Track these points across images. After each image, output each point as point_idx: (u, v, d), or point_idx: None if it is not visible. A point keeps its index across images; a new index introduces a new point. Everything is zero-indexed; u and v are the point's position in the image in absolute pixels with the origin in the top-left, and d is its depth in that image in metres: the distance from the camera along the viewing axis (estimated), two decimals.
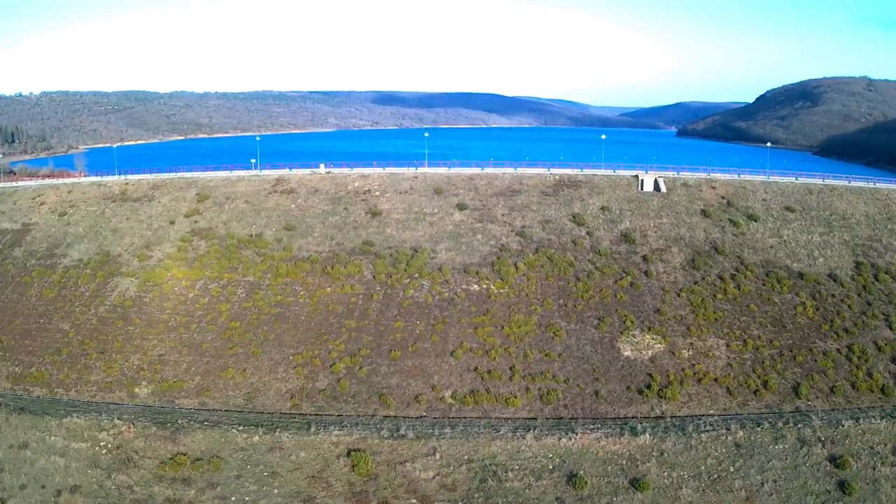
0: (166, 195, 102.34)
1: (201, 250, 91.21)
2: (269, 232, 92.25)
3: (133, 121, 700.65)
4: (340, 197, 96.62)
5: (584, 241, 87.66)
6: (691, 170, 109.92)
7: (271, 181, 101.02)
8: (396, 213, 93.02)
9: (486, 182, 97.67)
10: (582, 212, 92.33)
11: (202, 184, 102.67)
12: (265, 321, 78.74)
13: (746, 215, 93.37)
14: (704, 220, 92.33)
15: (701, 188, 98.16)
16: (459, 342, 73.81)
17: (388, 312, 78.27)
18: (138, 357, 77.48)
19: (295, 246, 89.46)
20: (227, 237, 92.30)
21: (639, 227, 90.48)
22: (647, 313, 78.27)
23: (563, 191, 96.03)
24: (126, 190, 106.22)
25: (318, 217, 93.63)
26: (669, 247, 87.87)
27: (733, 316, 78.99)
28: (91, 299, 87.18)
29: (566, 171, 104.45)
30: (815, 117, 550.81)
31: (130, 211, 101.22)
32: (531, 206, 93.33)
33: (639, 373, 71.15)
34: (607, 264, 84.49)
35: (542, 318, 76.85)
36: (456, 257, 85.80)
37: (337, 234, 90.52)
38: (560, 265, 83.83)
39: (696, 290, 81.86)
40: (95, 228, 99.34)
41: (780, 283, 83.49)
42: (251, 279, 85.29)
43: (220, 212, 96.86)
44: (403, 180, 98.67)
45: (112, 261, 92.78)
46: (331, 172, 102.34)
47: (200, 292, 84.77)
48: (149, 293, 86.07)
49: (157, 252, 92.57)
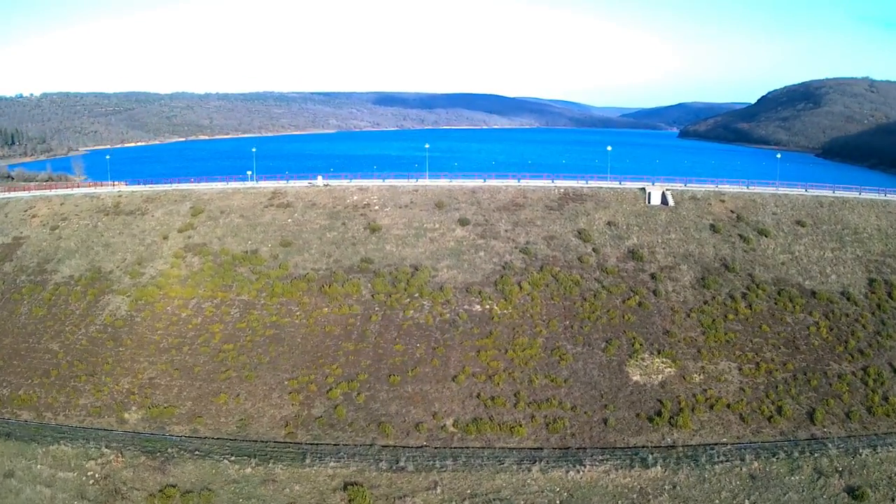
0: (160, 208, 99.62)
1: (195, 267, 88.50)
2: (264, 248, 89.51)
3: (133, 122, 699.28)
4: (338, 211, 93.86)
5: (590, 259, 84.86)
6: (699, 181, 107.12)
7: (267, 194, 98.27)
8: (396, 228, 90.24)
9: (488, 196, 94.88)
10: (588, 227, 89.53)
11: (196, 197, 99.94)
12: (259, 343, 76.01)
13: (757, 230, 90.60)
14: (714, 236, 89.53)
15: (710, 201, 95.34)
16: (462, 366, 71.05)
17: (387, 334, 75.52)
18: (128, 380, 74.82)
19: (291, 263, 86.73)
20: (221, 253, 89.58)
21: (646, 243, 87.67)
22: (657, 335, 75.49)
23: (568, 205, 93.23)
24: (119, 203, 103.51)
25: (316, 232, 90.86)
26: (678, 264, 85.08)
27: (745, 337, 76.28)
28: (81, 318, 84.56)
29: (571, 183, 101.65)
30: (818, 119, 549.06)
31: (123, 225, 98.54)
32: (535, 221, 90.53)
33: (648, 399, 68.36)
34: (614, 283, 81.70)
35: (548, 341, 74.08)
36: (458, 276, 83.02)
37: (335, 251, 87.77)
38: (566, 284, 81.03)
39: (706, 310, 79.09)
40: (87, 243, 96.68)
41: (793, 301, 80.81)
42: (246, 298, 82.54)
43: (215, 226, 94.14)
44: (403, 193, 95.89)
45: (103, 277, 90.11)
46: (329, 185, 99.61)
47: (193, 312, 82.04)
48: (140, 312, 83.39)
49: (149, 269, 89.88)
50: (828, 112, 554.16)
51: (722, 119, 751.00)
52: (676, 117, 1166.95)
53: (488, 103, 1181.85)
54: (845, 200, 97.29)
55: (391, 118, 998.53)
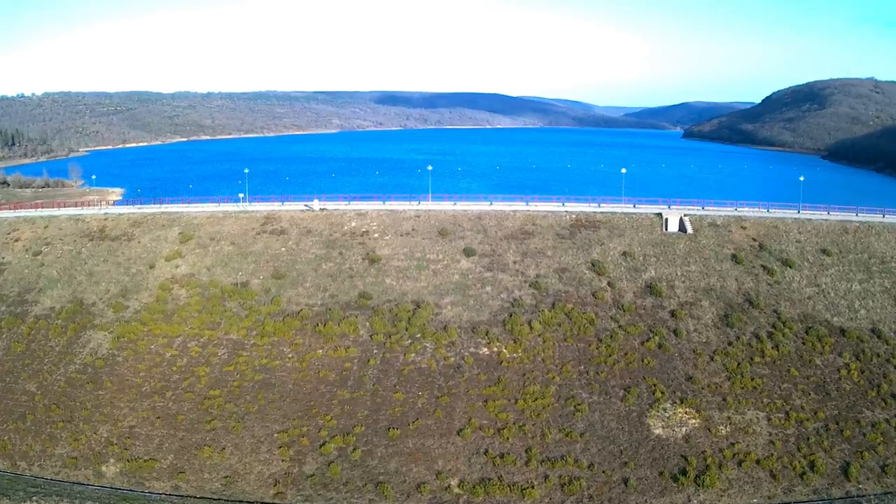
0: (147, 234, 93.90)
1: (181, 301, 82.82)
2: (255, 280, 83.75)
3: (135, 122, 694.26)
4: (335, 239, 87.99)
5: (605, 294, 78.96)
6: (717, 203, 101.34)
7: (260, 219, 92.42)
8: (397, 259, 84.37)
9: (495, 222, 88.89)
10: (602, 258, 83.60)
11: (186, 221, 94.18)
12: (248, 389, 70.30)
13: (781, 260, 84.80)
14: (736, 267, 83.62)
15: (730, 228, 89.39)
16: (467, 418, 65.29)
17: (386, 381, 69.73)
18: (107, 428, 69.24)
19: (284, 298, 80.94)
20: (210, 285, 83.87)
21: (665, 276, 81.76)
22: (679, 381, 69.66)
23: (580, 233, 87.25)
24: (105, 227, 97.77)
25: (311, 263, 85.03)
26: (699, 300, 79.18)
27: (773, 383, 70.55)
28: (61, 356, 79.03)
29: (582, 207, 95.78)
30: (823, 120, 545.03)
31: (108, 252, 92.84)
32: (546, 251, 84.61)
33: (672, 455, 62.58)
34: (632, 322, 75.82)
35: (561, 389, 68.25)
36: (463, 313, 77.16)
37: (331, 285, 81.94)
38: (579, 323, 75.17)
39: (730, 352, 73.29)
40: (70, 271, 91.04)
41: (821, 341, 75.19)
42: (234, 337, 76.84)
43: (204, 255, 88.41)
44: (404, 220, 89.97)
45: (85, 311, 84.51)
46: (325, 209, 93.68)
47: (178, 352, 76.37)
48: (122, 351, 77.79)
49: (133, 302, 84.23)
50: (833, 113, 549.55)
51: (726, 120, 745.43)
52: (680, 117, 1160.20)
53: (491, 102, 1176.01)
54: (871, 226, 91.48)
55: (394, 117, 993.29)
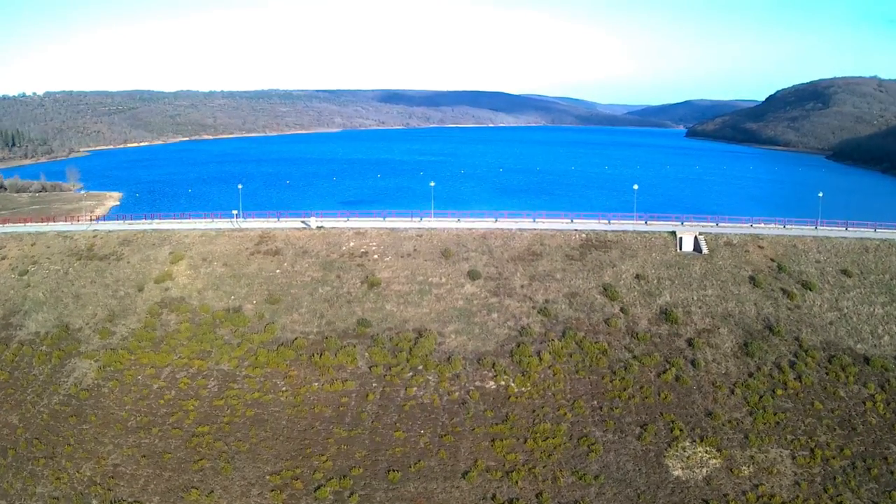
0: (136, 253, 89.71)
1: (171, 327, 78.64)
2: (248, 305, 79.48)
3: (137, 122, 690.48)
4: (333, 261, 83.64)
5: (618, 321, 74.57)
6: (732, 219, 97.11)
7: (254, 238, 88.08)
8: (397, 282, 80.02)
9: (501, 242, 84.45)
10: (614, 281, 79.19)
11: (177, 240, 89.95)
12: (239, 426, 66.07)
13: (800, 283, 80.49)
14: (754, 291, 79.24)
15: (747, 248, 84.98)
16: (473, 460, 61.02)
17: (385, 418, 65.46)
18: (91, 466, 65.11)
19: (278, 325, 76.68)
20: (200, 310, 79.67)
21: (681, 300, 77.38)
22: (698, 417, 65.34)
23: (590, 253, 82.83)
24: (93, 245, 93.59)
25: (307, 287, 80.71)
26: (717, 327, 74.80)
27: (797, 417, 66.27)
28: (44, 386, 75.01)
29: (592, 224, 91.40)
30: (827, 119, 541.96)
31: (96, 272, 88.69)
32: (555, 273, 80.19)
33: (692, 498, 58.34)
34: (647, 352, 71.47)
35: (574, 427, 63.93)
36: (468, 343, 72.83)
37: (328, 311, 77.63)
38: (592, 354, 70.83)
39: (751, 384, 68.95)
40: (56, 293, 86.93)
41: (845, 370, 71.00)
42: (225, 368, 72.63)
43: (195, 277, 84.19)
44: (406, 239, 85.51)
45: (71, 336, 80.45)
46: (322, 227, 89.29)
47: (166, 383, 72.20)
48: (108, 382, 73.70)
49: (121, 327, 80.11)
50: (837, 112, 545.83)
51: (730, 118, 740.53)
52: (683, 115, 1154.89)
53: (494, 101, 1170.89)
54: (891, 244, 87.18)
55: (397, 116, 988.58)
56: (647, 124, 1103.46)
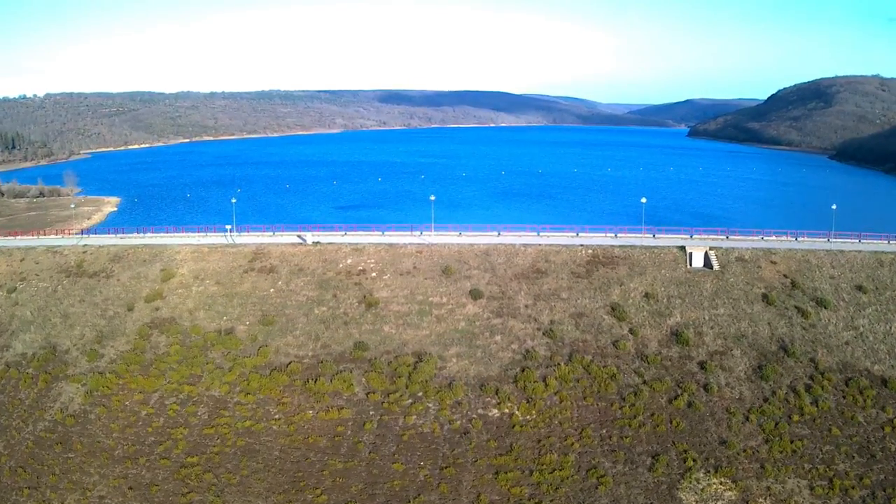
0: (127, 270, 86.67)
1: (161, 349, 75.60)
2: (241, 326, 76.38)
3: (137, 123, 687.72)
4: (329, 279, 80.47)
5: (627, 344, 71.40)
6: (743, 231, 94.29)
7: (248, 255, 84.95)
8: (396, 302, 76.82)
9: (504, 259, 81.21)
10: (622, 300, 76.00)
11: (168, 256, 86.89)
12: (229, 457, 63.00)
13: (815, 300, 77.42)
14: (768, 310, 76.08)
15: (759, 264, 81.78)
16: (476, 493, 57.92)
17: (383, 448, 62.35)
18: (76, 498, 62.09)
19: (272, 347, 73.58)
20: (191, 332, 76.61)
21: (692, 321, 74.20)
22: (712, 446, 62.20)
23: (597, 270, 79.63)
24: (83, 261, 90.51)
25: (302, 307, 77.57)
26: (730, 348, 71.65)
27: (814, 445, 63.22)
28: (30, 411, 72.05)
29: (598, 238, 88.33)
30: (829, 118, 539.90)
31: (85, 290, 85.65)
32: (560, 292, 77.00)
33: None
34: (658, 376, 68.32)
35: (582, 457, 60.80)
36: (470, 367, 69.69)
37: (323, 332, 74.52)
38: (600, 379, 67.68)
39: (767, 410, 65.87)
40: (44, 312, 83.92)
41: (863, 393, 68.08)
42: (216, 394, 69.57)
43: (187, 296, 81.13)
44: (405, 256, 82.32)
45: (58, 358, 77.48)
46: (319, 243, 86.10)
47: (155, 410, 69.18)
48: (95, 408, 70.71)
49: (109, 349, 77.11)
50: (839, 111, 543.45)
51: (732, 118, 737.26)
52: (684, 114, 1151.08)
53: (495, 100, 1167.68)
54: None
55: (398, 116, 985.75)
56: (649, 123, 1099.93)
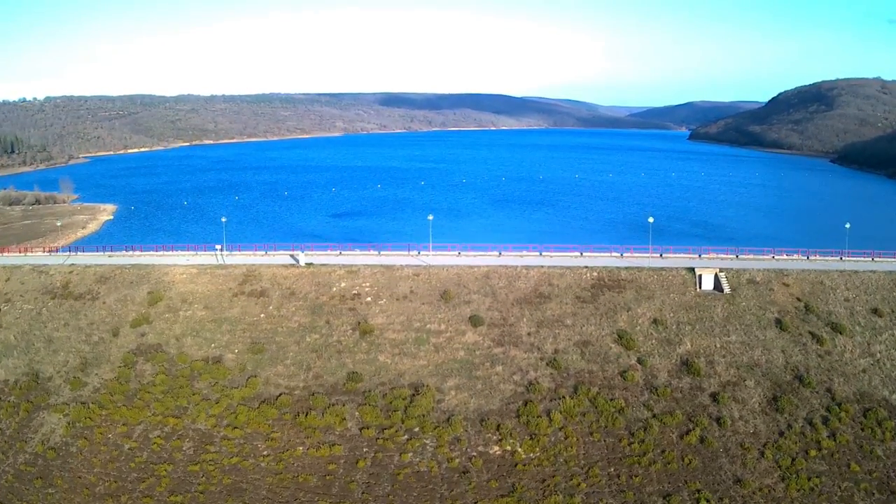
0: (113, 293, 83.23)
1: (146, 378, 72.17)
2: (229, 355, 72.88)
3: (137, 127, 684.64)
4: (322, 304, 76.98)
5: (635, 374, 67.90)
6: (753, 250, 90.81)
7: (238, 277, 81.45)
8: (392, 329, 73.29)
9: (505, 283, 77.64)
10: (629, 327, 72.50)
11: (156, 278, 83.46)
12: (214, 496, 59.52)
13: (830, 325, 74.08)
14: (781, 336, 72.63)
15: (771, 286, 78.31)
16: None
17: (377, 488, 58.85)
18: None
19: (261, 378, 70.08)
20: (178, 360, 73.15)
21: (703, 349, 70.72)
22: (726, 485, 58.76)
23: (603, 294, 76.09)
24: (69, 282, 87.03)
25: (293, 334, 74.05)
26: (743, 379, 68.18)
27: (832, 482, 59.91)
28: (10, 442, 68.76)
29: (604, 259, 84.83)
30: (831, 122, 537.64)
31: (70, 313, 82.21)
32: (564, 319, 73.47)
33: None
34: (668, 409, 64.82)
35: (589, 498, 57.30)
36: (469, 400, 66.14)
37: (315, 362, 71.01)
38: (607, 413, 64.16)
39: (783, 445, 62.41)
40: (28, 336, 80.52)
41: (881, 425, 64.85)
42: (202, 427, 66.09)
43: (174, 321, 77.68)
44: (401, 279, 78.72)
45: (41, 387, 74.13)
46: (311, 264, 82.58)
47: (138, 444, 65.74)
48: (77, 440, 67.31)
49: (93, 377, 73.70)
50: (841, 115, 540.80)
51: (733, 121, 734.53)
52: (685, 116, 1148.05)
53: (496, 103, 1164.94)
54: None
55: (398, 119, 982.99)
56: (650, 126, 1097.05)
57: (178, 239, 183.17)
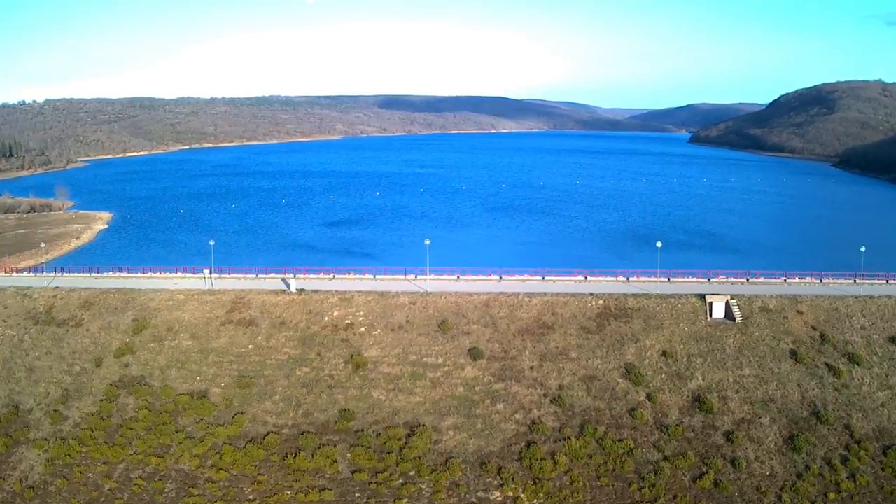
0: (97, 319, 79.60)
1: (128, 413, 68.60)
2: (215, 389, 69.23)
3: (137, 130, 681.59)
4: (314, 334, 73.27)
5: (644, 412, 64.24)
6: (765, 273, 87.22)
7: (227, 304, 77.78)
8: (387, 363, 69.61)
9: (506, 312, 73.92)
10: (637, 360, 68.87)
11: (142, 304, 79.80)
12: None
13: (846, 356, 70.69)
14: (796, 368, 69.08)
15: (785, 314, 74.70)
16: None
17: None
18: None
19: (248, 415, 66.44)
20: (162, 393, 69.57)
21: (715, 383, 67.11)
22: None
23: (609, 325, 72.44)
24: (52, 307, 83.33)
25: (283, 367, 70.37)
26: (758, 416, 64.60)
27: None
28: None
29: (609, 284, 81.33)
30: (832, 125, 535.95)
31: (52, 341, 78.61)
32: (569, 351, 69.81)
33: None
34: (680, 450, 61.21)
35: None
36: (468, 441, 62.47)
37: (306, 398, 67.34)
38: (615, 455, 60.54)
39: (800, 487, 59.02)
40: (9, 364, 77.01)
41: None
42: (186, 468, 62.52)
43: (159, 351, 74.07)
44: (397, 308, 75.00)
45: (21, 420, 70.74)
46: (303, 291, 78.84)
47: (119, 484, 62.25)
48: (55, 479, 64.00)
49: (74, 411, 70.15)
50: (842, 118, 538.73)
51: (734, 124, 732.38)
52: (685, 118, 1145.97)
53: (495, 106, 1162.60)
54: None
55: (398, 122, 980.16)
56: (650, 128, 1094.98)
57: (173, 249, 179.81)
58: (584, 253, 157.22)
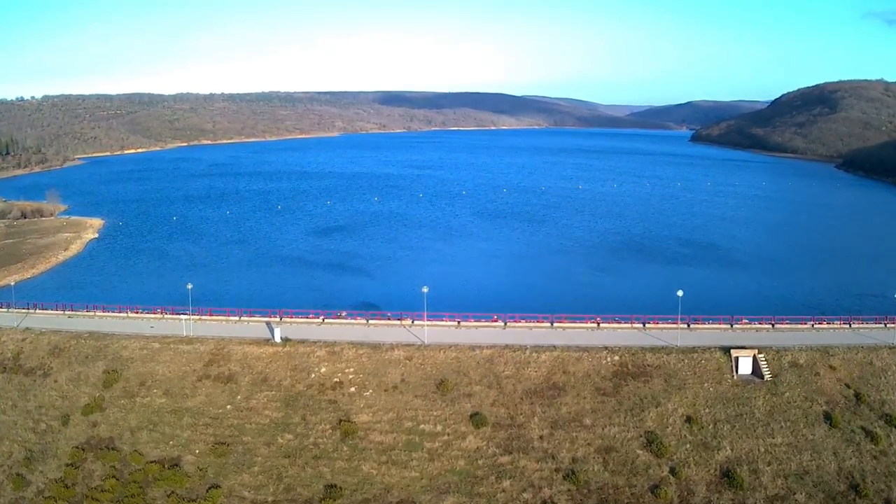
0: (66, 369, 72.97)
1: (94, 481, 62.16)
2: (189, 456, 62.64)
3: (135, 127, 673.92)
4: (298, 394, 66.59)
5: (668, 490, 57.74)
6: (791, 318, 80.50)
7: (204, 356, 71.04)
8: (379, 429, 62.93)
9: (512, 370, 67.21)
10: (659, 428, 62.26)
11: (114, 352, 73.14)
12: None
13: (883, 417, 64.62)
14: (832, 434, 62.68)
15: (816, 369, 68.18)
16: None
17: None
18: None
19: (224, 488, 59.90)
20: (131, 460, 63.06)
21: (745, 454, 60.58)
22: None
23: (626, 386, 65.76)
24: (21, 352, 76.69)
25: (264, 432, 63.74)
26: (793, 491, 58.21)
27: None
28: None
29: (624, 333, 74.77)
30: (835, 125, 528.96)
31: (19, 392, 72.15)
32: (583, 417, 63.13)
33: None
34: None
35: None
36: None
37: (288, 469, 60.75)
38: None
39: None
40: None
41: None
42: None
43: (130, 408, 67.47)
44: (391, 364, 68.26)
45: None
46: (288, 341, 72.11)
47: None
48: None
49: (37, 476, 63.78)
50: (845, 118, 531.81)
51: (735, 123, 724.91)
52: (685, 116, 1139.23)
53: (496, 102, 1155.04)
54: None
55: (398, 119, 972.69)
56: (650, 125, 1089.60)
57: (165, 261, 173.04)
58: (591, 279, 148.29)
